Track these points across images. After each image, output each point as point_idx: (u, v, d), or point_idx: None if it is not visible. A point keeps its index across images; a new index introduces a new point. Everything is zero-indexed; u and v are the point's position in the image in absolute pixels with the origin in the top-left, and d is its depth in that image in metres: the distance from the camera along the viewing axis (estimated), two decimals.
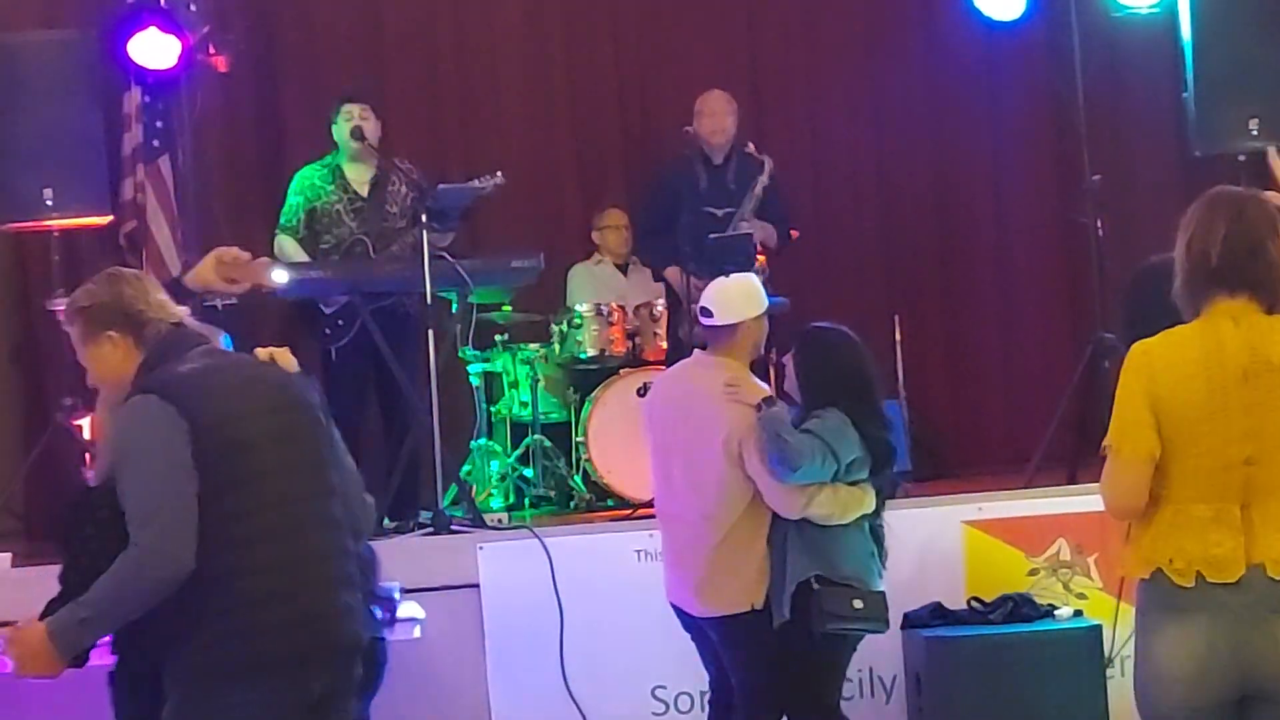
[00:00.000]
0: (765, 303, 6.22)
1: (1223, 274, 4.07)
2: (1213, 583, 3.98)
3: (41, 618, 4.20)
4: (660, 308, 8.82)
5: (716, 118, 8.93)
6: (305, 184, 8.47)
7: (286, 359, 4.47)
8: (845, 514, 5.95)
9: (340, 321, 8.19)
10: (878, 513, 6.07)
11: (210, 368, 4.33)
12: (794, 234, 9.06)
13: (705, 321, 6.19)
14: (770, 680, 5.98)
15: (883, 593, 5.98)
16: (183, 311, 4.51)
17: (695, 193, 8.74)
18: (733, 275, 6.40)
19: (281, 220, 8.45)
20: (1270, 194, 5.47)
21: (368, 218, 8.35)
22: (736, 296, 6.19)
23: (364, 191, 8.42)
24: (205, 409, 4.18)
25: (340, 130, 8.43)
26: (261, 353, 4.45)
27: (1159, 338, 4.11)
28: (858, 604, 5.89)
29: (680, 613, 6.19)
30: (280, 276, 6.92)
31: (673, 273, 8.79)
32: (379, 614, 5.00)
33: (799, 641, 5.89)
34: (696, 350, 6.49)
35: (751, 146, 8.99)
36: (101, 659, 4.39)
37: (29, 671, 4.21)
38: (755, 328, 6.18)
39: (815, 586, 5.85)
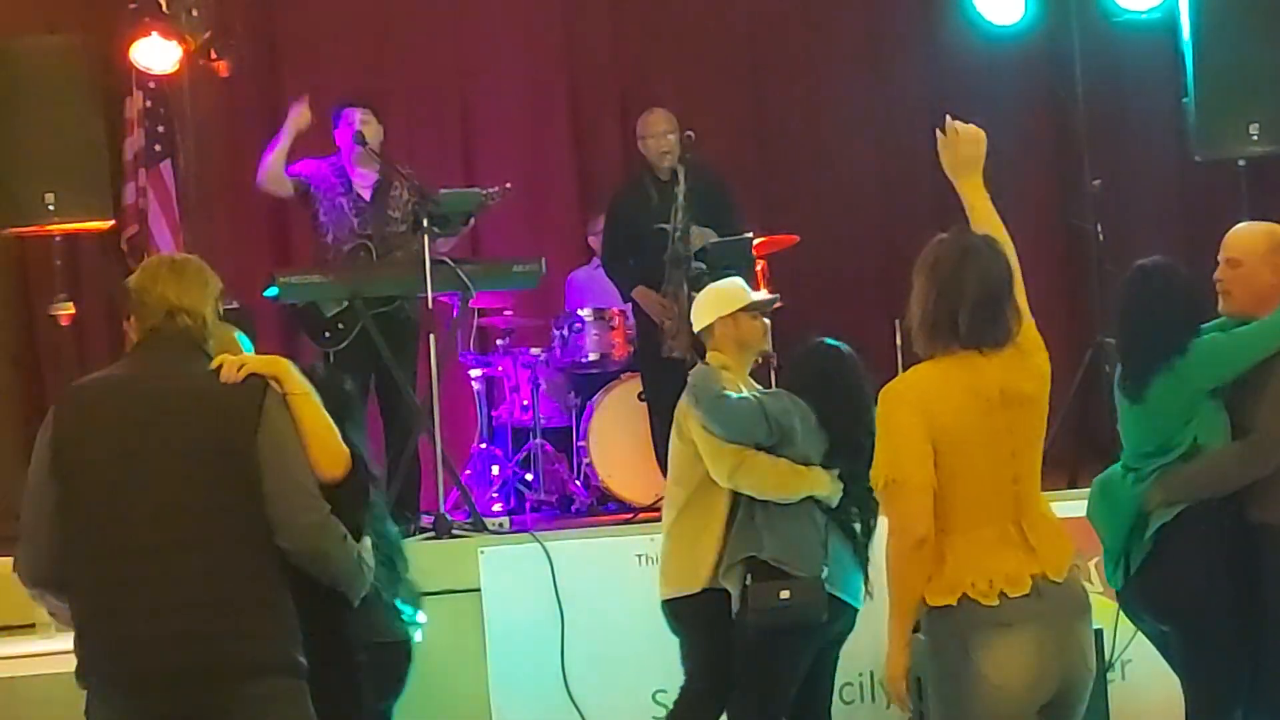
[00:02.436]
0: (737, 302, 6.15)
1: (966, 337, 4.26)
2: (1015, 597, 4.16)
3: None
4: None
5: (660, 139, 8.74)
6: (313, 165, 8.47)
7: (228, 371, 4.21)
8: (782, 489, 5.83)
9: (340, 325, 8.19)
10: (862, 512, 5.95)
11: (116, 379, 4.33)
12: (791, 240, 9.02)
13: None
14: (717, 678, 5.94)
15: (818, 579, 5.78)
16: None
17: (648, 211, 8.69)
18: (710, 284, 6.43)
19: (269, 161, 8.39)
20: (1249, 226, 5.56)
21: (370, 222, 8.35)
22: (701, 302, 6.24)
23: (366, 195, 8.43)
24: (72, 422, 4.25)
25: (342, 135, 8.43)
26: (218, 360, 4.25)
27: (920, 373, 4.28)
28: (785, 595, 5.74)
29: None
30: None
31: (640, 293, 8.71)
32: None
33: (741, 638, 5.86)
34: None
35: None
36: None
37: None
38: (731, 326, 6.13)
39: (748, 580, 5.77)
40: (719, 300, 6.20)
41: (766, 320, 6.26)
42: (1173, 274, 5.52)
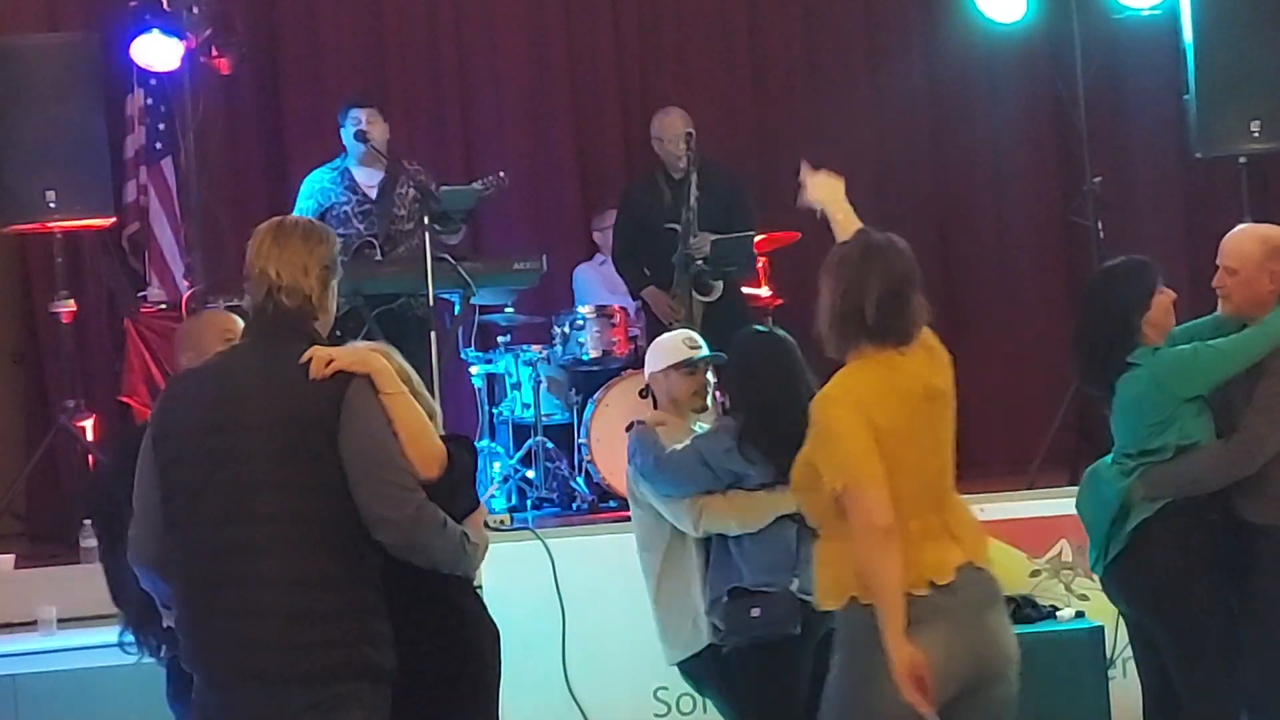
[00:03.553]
0: (670, 357, 6.13)
1: (874, 330, 4.36)
2: (940, 586, 4.28)
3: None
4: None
5: (678, 142, 8.81)
6: (315, 187, 8.48)
7: (316, 367, 4.09)
8: (749, 519, 5.79)
9: (346, 323, 8.18)
10: None
11: (212, 368, 4.29)
12: (793, 236, 9.01)
13: None
14: (753, 705, 5.88)
15: (786, 591, 5.70)
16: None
17: (660, 210, 8.69)
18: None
19: None
20: (1247, 227, 5.58)
21: (376, 220, 8.36)
22: (648, 356, 6.26)
23: (372, 194, 8.44)
24: (166, 413, 4.25)
25: (347, 134, 8.44)
26: (309, 353, 4.13)
27: (850, 376, 4.38)
28: (755, 612, 5.71)
29: None
30: None
31: (650, 293, 8.73)
32: None
33: (735, 664, 5.82)
34: None
35: (690, 131, 8.72)
36: None
37: None
38: (662, 381, 6.13)
39: (725, 601, 5.74)
40: (655, 353, 6.22)
41: (705, 377, 6.17)
42: (1124, 279, 5.54)
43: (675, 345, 6.19)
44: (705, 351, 6.18)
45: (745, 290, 8.99)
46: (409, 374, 4.43)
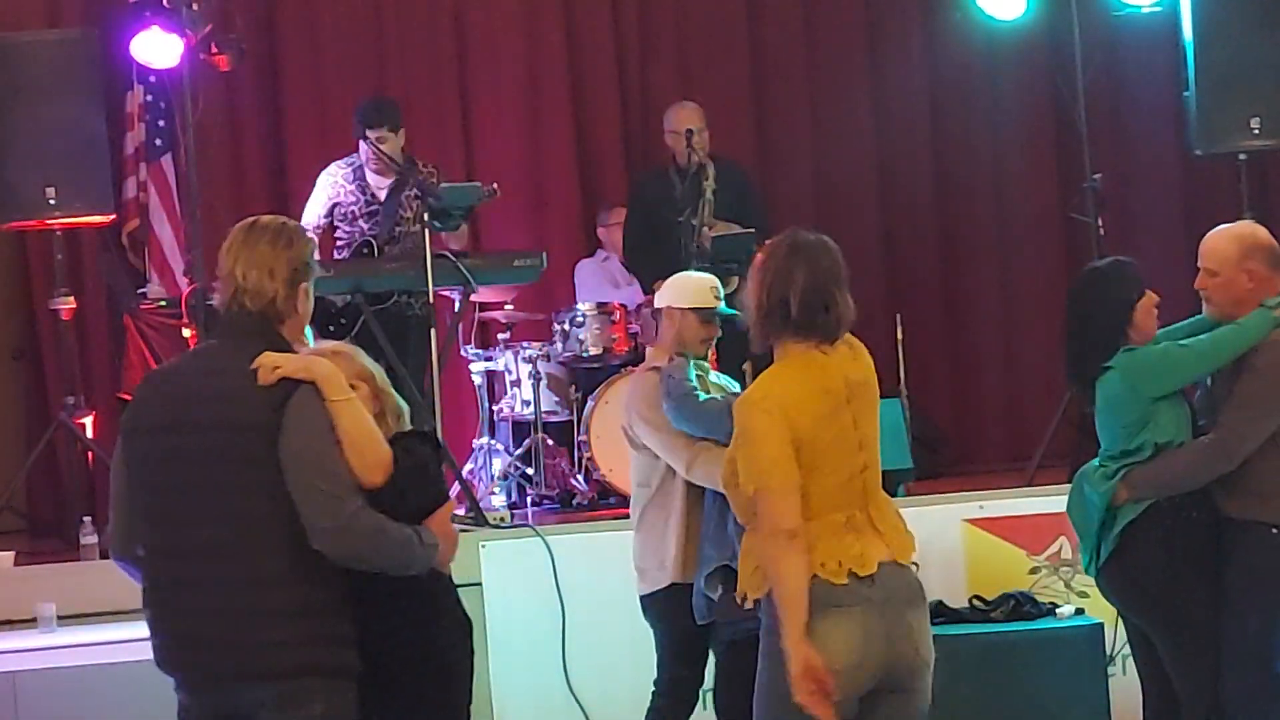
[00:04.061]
0: (699, 300, 6.11)
1: (798, 323, 4.47)
2: (861, 577, 4.39)
3: None
4: None
5: (685, 135, 8.83)
6: (330, 180, 8.51)
7: (263, 374, 4.12)
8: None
9: (343, 320, 8.19)
10: None
11: (174, 369, 4.42)
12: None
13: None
14: (685, 668, 6.01)
15: None
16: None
17: (670, 202, 8.71)
18: (688, 272, 6.41)
19: (304, 218, 8.43)
20: (1237, 225, 5.60)
21: (381, 221, 8.39)
22: (669, 285, 6.25)
23: (381, 195, 8.46)
24: (132, 412, 4.32)
25: (361, 142, 8.45)
26: (259, 360, 4.16)
27: (772, 379, 4.51)
28: (749, 605, 5.77)
29: None
30: None
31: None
32: None
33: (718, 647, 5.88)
34: None
35: (691, 129, 8.77)
36: None
37: None
38: (680, 320, 6.11)
39: (720, 588, 5.76)
40: (678, 288, 6.20)
41: (717, 329, 6.16)
42: (1107, 282, 5.55)
43: (702, 290, 6.15)
44: (725, 307, 6.18)
45: None
46: (372, 373, 4.46)
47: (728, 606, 5.72)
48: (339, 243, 8.47)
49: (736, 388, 6.16)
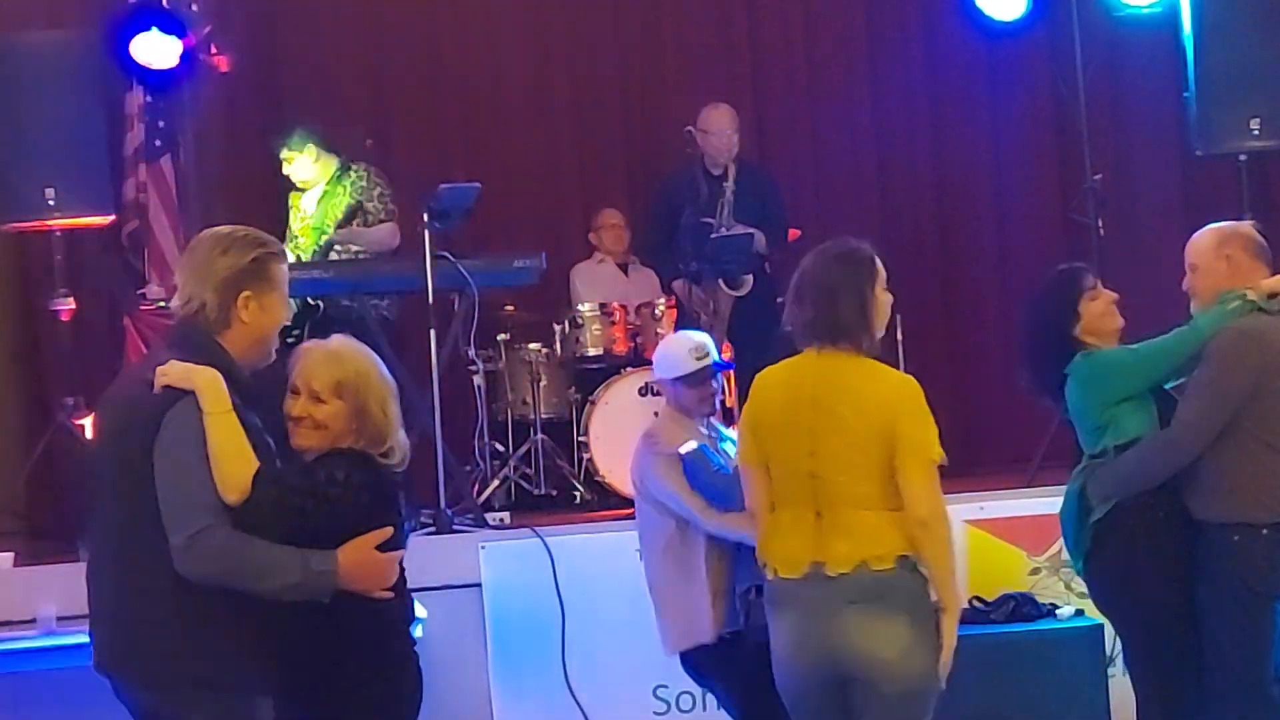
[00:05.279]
0: (683, 368, 5.98)
1: (813, 330, 4.77)
2: (785, 578, 4.69)
3: None
4: (662, 308, 8.83)
5: (723, 136, 8.96)
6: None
7: (175, 375, 4.14)
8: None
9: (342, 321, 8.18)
10: None
11: (121, 376, 4.64)
12: (793, 234, 9.04)
13: None
14: (757, 702, 5.83)
15: None
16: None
17: (695, 202, 8.74)
18: (673, 334, 6.45)
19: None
20: (1229, 225, 5.59)
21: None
22: (655, 358, 6.25)
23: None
24: (95, 418, 4.53)
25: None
26: (163, 369, 4.15)
27: (771, 369, 4.86)
28: None
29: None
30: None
31: (680, 287, 8.83)
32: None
33: (751, 656, 5.81)
34: None
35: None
36: None
37: None
38: (672, 391, 6.02)
39: (752, 597, 5.68)
40: (662, 360, 6.12)
41: (712, 384, 6.03)
42: (1048, 287, 5.56)
43: (682, 356, 6.02)
44: (713, 358, 6.07)
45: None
46: (356, 388, 4.34)
47: (756, 613, 5.66)
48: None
49: None
